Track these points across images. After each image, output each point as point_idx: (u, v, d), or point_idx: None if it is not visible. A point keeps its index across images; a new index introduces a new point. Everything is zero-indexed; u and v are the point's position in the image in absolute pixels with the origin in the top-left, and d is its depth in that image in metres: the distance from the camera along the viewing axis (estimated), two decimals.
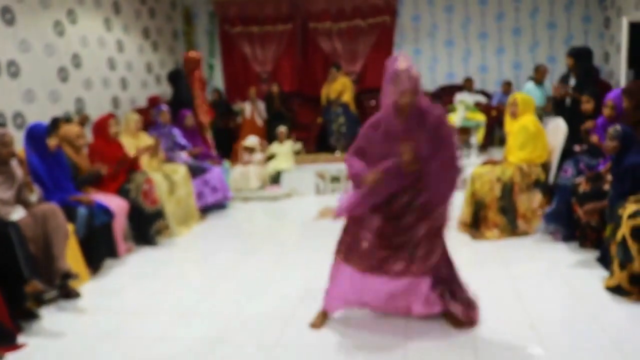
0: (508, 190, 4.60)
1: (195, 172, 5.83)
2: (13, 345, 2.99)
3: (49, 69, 6.20)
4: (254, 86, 8.84)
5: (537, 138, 4.62)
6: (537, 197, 4.59)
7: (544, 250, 4.23)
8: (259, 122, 8.28)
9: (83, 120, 6.29)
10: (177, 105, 6.67)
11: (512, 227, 4.59)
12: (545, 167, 4.66)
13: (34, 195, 3.75)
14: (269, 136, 8.01)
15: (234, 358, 2.84)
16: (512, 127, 4.74)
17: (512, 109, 4.73)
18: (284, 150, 7.41)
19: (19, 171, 3.67)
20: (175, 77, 7.45)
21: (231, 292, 3.74)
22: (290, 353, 2.85)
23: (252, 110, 8.36)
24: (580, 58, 5.51)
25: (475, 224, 4.68)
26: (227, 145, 7.88)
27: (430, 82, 9.30)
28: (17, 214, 3.60)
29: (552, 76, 8.67)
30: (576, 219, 4.17)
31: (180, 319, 3.29)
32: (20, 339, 3.07)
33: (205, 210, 5.98)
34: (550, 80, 8.14)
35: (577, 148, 4.61)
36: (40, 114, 5.87)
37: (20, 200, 3.68)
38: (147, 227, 4.83)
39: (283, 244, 4.92)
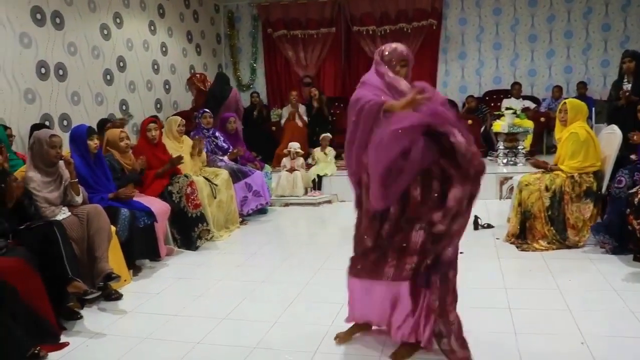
0: (557, 200, 4.43)
1: (237, 176, 5.83)
2: (56, 344, 3.02)
3: (95, 72, 6.33)
4: (296, 90, 8.84)
5: (589, 146, 4.43)
6: (589, 207, 4.40)
7: (595, 263, 4.05)
8: (301, 126, 8.24)
9: (121, 123, 6.29)
10: (210, 98, 6.92)
11: (561, 238, 4.42)
12: (598, 175, 4.46)
13: (80, 197, 3.80)
14: (311, 140, 7.97)
15: None
16: (562, 135, 4.57)
17: (562, 115, 4.55)
18: (327, 156, 7.35)
19: (65, 172, 3.73)
20: (218, 78, 7.61)
21: (271, 297, 3.71)
22: None
23: (292, 114, 8.33)
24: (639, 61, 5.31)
25: (522, 235, 4.54)
26: (268, 150, 7.88)
27: (476, 87, 9.12)
28: (63, 214, 3.66)
29: (605, 81, 8.39)
30: (631, 230, 3.97)
31: (220, 324, 3.27)
32: (63, 338, 3.11)
33: (248, 215, 5.98)
34: (601, 85, 7.88)
35: (633, 156, 4.40)
36: (85, 116, 5.99)
37: (66, 201, 3.74)
38: (188, 230, 4.85)
39: (323, 250, 4.85)
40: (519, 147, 7.19)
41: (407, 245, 2.54)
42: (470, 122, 7.99)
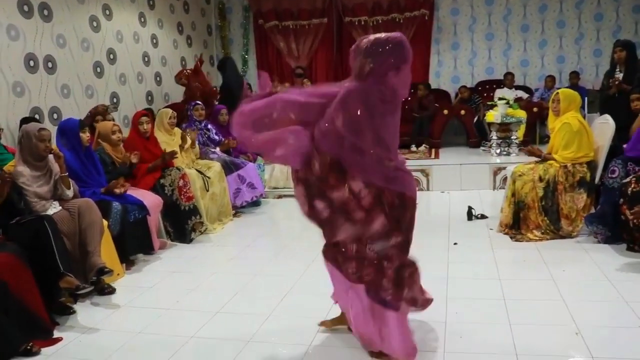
0: (551, 190, 4.43)
1: (230, 168, 5.80)
2: (49, 340, 3.00)
3: (85, 65, 6.25)
4: (289, 82, 8.80)
5: (582, 136, 4.42)
6: (582, 197, 4.41)
7: (589, 253, 4.06)
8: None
9: (103, 109, 6.10)
10: (227, 91, 6.93)
11: (554, 228, 4.42)
12: (591, 165, 4.47)
13: (70, 191, 3.76)
14: None
15: (266, 357, 2.79)
16: (555, 125, 4.56)
17: (555, 105, 4.54)
18: None
19: (55, 166, 3.69)
20: (223, 65, 7.58)
21: (264, 290, 3.70)
22: (323, 353, 2.79)
23: None
24: (631, 50, 5.30)
25: (516, 225, 4.54)
26: None
27: (469, 78, 9.10)
28: (54, 208, 3.62)
29: (597, 70, 8.41)
30: (624, 220, 3.97)
31: (214, 317, 3.26)
32: (56, 333, 3.09)
33: (242, 207, 5.95)
34: (594, 75, 7.87)
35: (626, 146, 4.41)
36: (76, 109, 5.92)
37: (56, 195, 3.70)
38: (181, 223, 4.82)
39: (317, 242, 4.82)
40: (512, 137, 7.21)
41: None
42: (463, 112, 8.00)
